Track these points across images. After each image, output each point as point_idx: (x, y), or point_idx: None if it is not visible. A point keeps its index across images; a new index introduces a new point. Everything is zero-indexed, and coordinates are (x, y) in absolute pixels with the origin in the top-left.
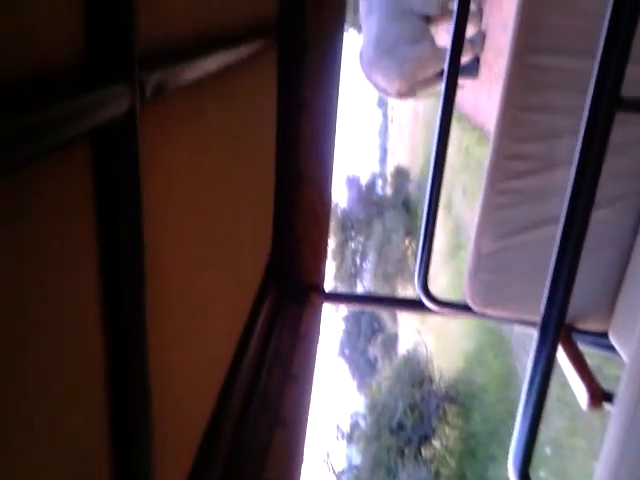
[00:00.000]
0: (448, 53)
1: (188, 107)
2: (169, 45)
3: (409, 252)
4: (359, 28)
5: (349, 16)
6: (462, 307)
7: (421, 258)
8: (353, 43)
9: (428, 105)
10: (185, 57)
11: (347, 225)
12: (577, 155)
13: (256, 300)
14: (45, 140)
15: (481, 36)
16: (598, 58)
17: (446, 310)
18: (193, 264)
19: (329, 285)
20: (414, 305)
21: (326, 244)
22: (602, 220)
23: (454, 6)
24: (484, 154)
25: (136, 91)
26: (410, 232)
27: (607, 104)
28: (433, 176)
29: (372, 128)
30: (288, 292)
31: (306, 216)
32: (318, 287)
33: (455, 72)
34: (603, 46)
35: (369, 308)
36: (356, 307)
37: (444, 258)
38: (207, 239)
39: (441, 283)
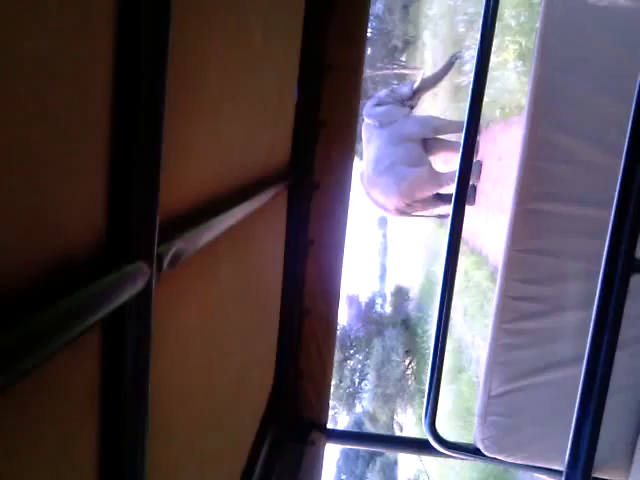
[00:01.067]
0: (456, 179)
1: (202, 264)
2: (188, 213)
3: (409, 372)
4: (360, 155)
5: None
6: (472, 450)
7: (428, 396)
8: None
9: (427, 227)
10: (203, 220)
11: (346, 343)
12: (594, 318)
13: (257, 437)
14: (55, 338)
15: (478, 166)
16: (611, 223)
17: (455, 453)
18: (198, 411)
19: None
20: (421, 446)
21: (329, 381)
22: (617, 363)
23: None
24: (482, 277)
25: (154, 267)
26: (410, 351)
27: (622, 267)
28: (439, 318)
29: (372, 247)
30: (289, 429)
31: (310, 352)
32: (320, 425)
33: (463, 198)
34: (615, 211)
35: (374, 449)
36: (360, 447)
37: (445, 381)
38: (213, 384)
39: (442, 409)
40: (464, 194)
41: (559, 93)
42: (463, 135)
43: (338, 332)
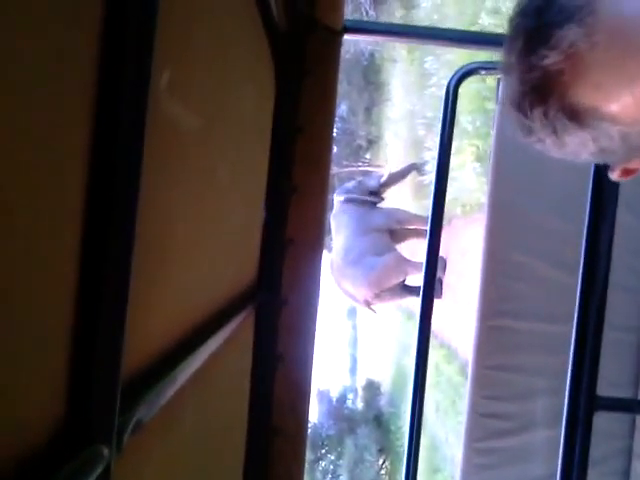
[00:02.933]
0: (423, 273)
1: (165, 421)
2: (150, 368)
3: (383, 472)
4: (329, 248)
5: None
6: None
7: None
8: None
9: (396, 318)
10: (167, 373)
11: (317, 443)
12: (561, 457)
13: None
14: None
15: (443, 261)
16: (571, 359)
17: None
18: None
19: None
20: None
21: None
22: None
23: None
24: (453, 371)
25: (113, 447)
26: (383, 450)
27: (585, 405)
28: (412, 417)
29: (342, 339)
30: None
31: (279, 473)
32: None
33: (431, 287)
34: (574, 348)
35: None
36: None
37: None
38: None
39: None
40: (432, 287)
41: (515, 214)
42: (428, 231)
43: (309, 430)
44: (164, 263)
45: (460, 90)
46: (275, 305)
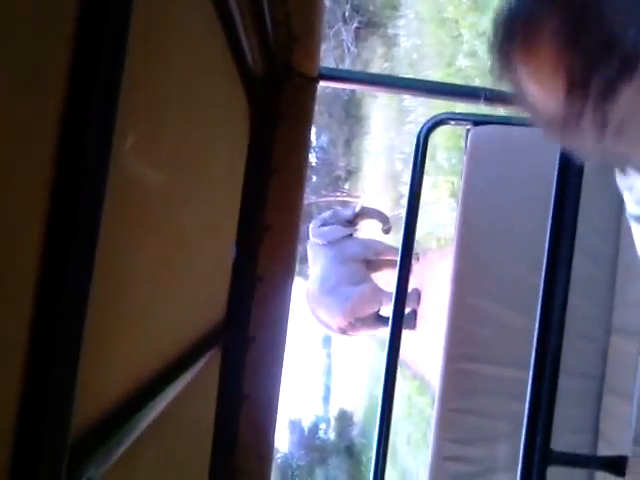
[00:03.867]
0: (392, 301)
1: (117, 471)
2: (104, 419)
3: None
4: (305, 276)
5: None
6: None
7: None
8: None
9: (370, 348)
10: (122, 426)
11: (287, 473)
12: None
13: None
14: None
15: (417, 292)
16: (525, 415)
17: None
18: None
19: None
20: None
21: None
22: None
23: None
24: (426, 404)
25: None
26: None
27: (539, 459)
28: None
29: (316, 368)
30: None
31: None
32: None
33: (399, 319)
34: (529, 403)
35: None
36: None
37: None
38: None
39: None
40: (401, 318)
41: (481, 260)
42: (398, 262)
43: (279, 461)
44: (123, 310)
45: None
46: (242, 343)
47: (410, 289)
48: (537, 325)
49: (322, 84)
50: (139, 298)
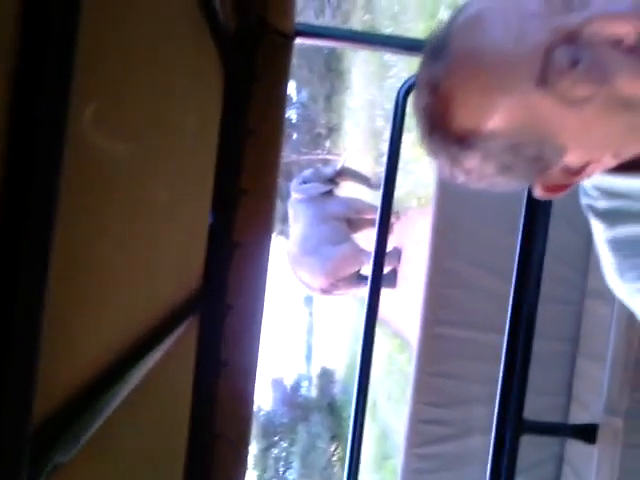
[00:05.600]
0: (371, 261)
1: (91, 450)
2: (71, 398)
3: (335, 459)
4: (287, 235)
5: (277, 226)
6: None
7: None
8: (281, 248)
9: (352, 307)
10: (91, 407)
11: (270, 430)
12: (487, 478)
13: None
14: None
15: (397, 251)
16: (500, 382)
17: None
18: None
19: None
20: None
21: None
22: None
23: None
24: (406, 361)
25: None
26: (336, 437)
27: (512, 428)
28: (357, 400)
29: (299, 326)
30: None
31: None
32: None
33: (378, 278)
34: (503, 372)
35: None
36: None
37: (370, 469)
38: None
39: None
40: (379, 276)
41: (459, 224)
42: (377, 220)
43: (262, 418)
44: (88, 283)
45: None
46: (220, 310)
47: (391, 248)
48: (512, 289)
49: (298, 41)
50: (105, 270)
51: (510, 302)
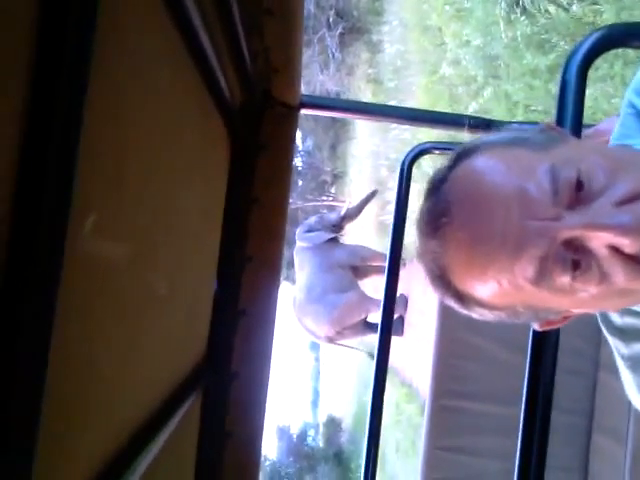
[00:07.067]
0: (381, 309)
1: None
2: None
3: None
4: (293, 281)
5: (284, 272)
6: None
7: None
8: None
9: (358, 354)
10: None
11: None
12: None
13: None
14: None
15: (404, 299)
16: (518, 454)
17: None
18: None
19: None
20: None
21: None
22: None
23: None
24: (414, 411)
25: None
26: None
27: None
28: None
29: (304, 372)
30: None
31: None
32: None
33: (388, 326)
34: (520, 447)
35: None
36: None
37: None
38: None
39: None
40: (389, 324)
41: None
42: (386, 268)
43: (268, 468)
44: (88, 382)
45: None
46: (225, 380)
47: (397, 295)
48: (528, 360)
49: (303, 112)
50: (104, 367)
51: (526, 375)
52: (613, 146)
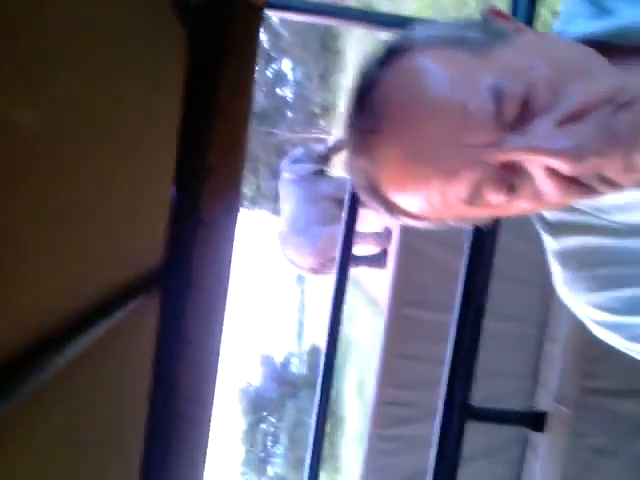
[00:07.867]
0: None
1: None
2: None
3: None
4: (278, 212)
5: (269, 204)
6: None
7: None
8: (272, 225)
9: None
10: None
11: (259, 406)
12: (431, 464)
13: None
14: None
15: (387, 232)
16: (445, 369)
17: None
18: None
19: (235, 471)
20: None
21: None
22: None
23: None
24: None
25: None
26: None
27: (457, 414)
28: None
29: (290, 304)
30: None
31: (183, 459)
32: None
33: (347, 255)
34: (449, 357)
35: None
36: None
37: (357, 442)
38: None
39: (355, 473)
40: (347, 259)
41: None
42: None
43: (251, 393)
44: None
45: None
46: (183, 288)
47: (381, 228)
48: (463, 267)
49: (269, 13)
50: (27, 247)
51: (461, 278)
52: (564, 43)
